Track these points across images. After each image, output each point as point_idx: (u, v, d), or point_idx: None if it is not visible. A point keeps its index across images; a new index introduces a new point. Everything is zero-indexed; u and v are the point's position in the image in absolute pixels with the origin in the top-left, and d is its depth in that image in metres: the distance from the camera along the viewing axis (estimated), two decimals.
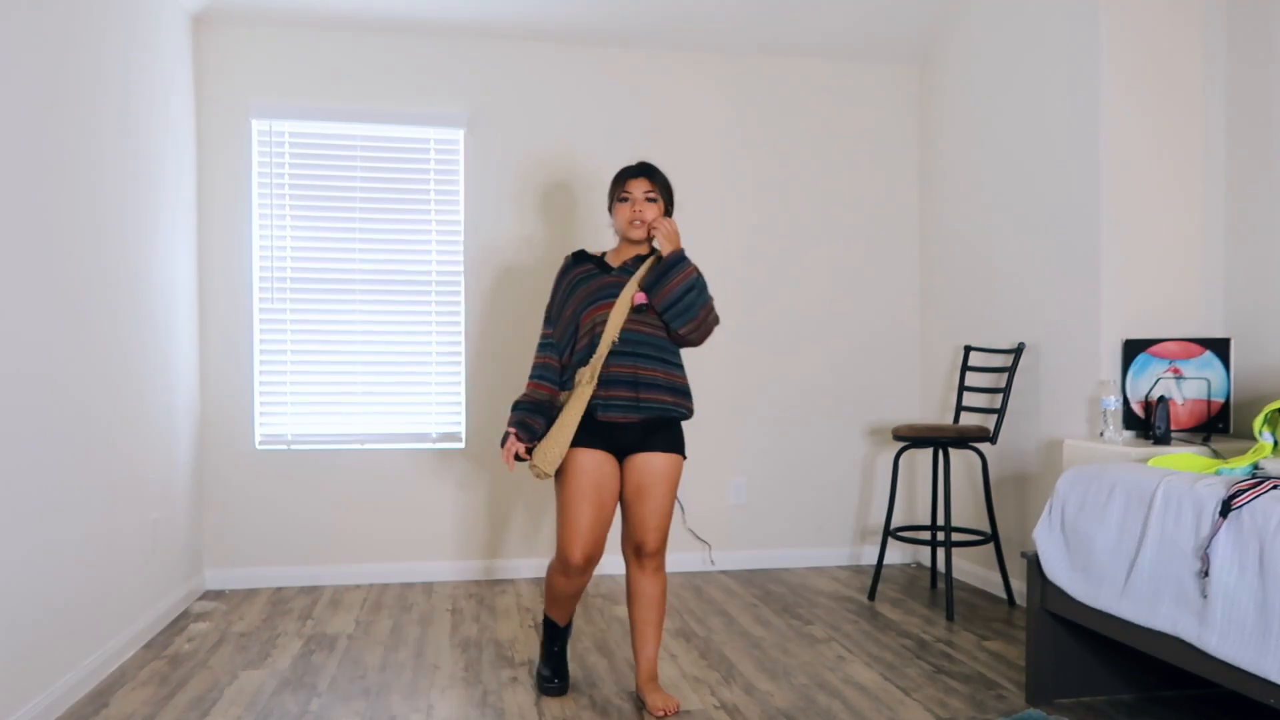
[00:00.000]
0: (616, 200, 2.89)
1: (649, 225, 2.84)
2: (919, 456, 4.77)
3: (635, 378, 2.76)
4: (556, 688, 2.92)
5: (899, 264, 4.83)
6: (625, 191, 2.87)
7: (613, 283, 2.84)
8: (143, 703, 2.87)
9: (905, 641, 3.47)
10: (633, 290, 2.80)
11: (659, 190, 2.88)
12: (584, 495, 2.74)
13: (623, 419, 2.75)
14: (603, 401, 2.75)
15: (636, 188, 2.86)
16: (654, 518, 2.79)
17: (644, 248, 2.92)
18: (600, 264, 2.91)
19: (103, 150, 3.15)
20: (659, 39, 4.52)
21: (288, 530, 4.31)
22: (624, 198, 2.87)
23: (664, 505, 2.80)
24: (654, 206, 2.87)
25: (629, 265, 2.88)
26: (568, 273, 2.94)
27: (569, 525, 2.75)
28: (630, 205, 2.85)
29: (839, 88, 4.77)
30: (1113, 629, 2.58)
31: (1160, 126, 3.56)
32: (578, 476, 2.75)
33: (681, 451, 2.84)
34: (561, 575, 2.82)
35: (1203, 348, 3.40)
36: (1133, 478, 2.61)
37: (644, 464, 2.79)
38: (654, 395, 2.77)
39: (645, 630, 2.84)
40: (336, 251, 4.36)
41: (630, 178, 2.88)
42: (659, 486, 2.79)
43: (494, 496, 4.46)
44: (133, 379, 3.40)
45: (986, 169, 4.24)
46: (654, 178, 2.89)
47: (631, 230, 2.85)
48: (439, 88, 4.42)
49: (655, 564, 2.82)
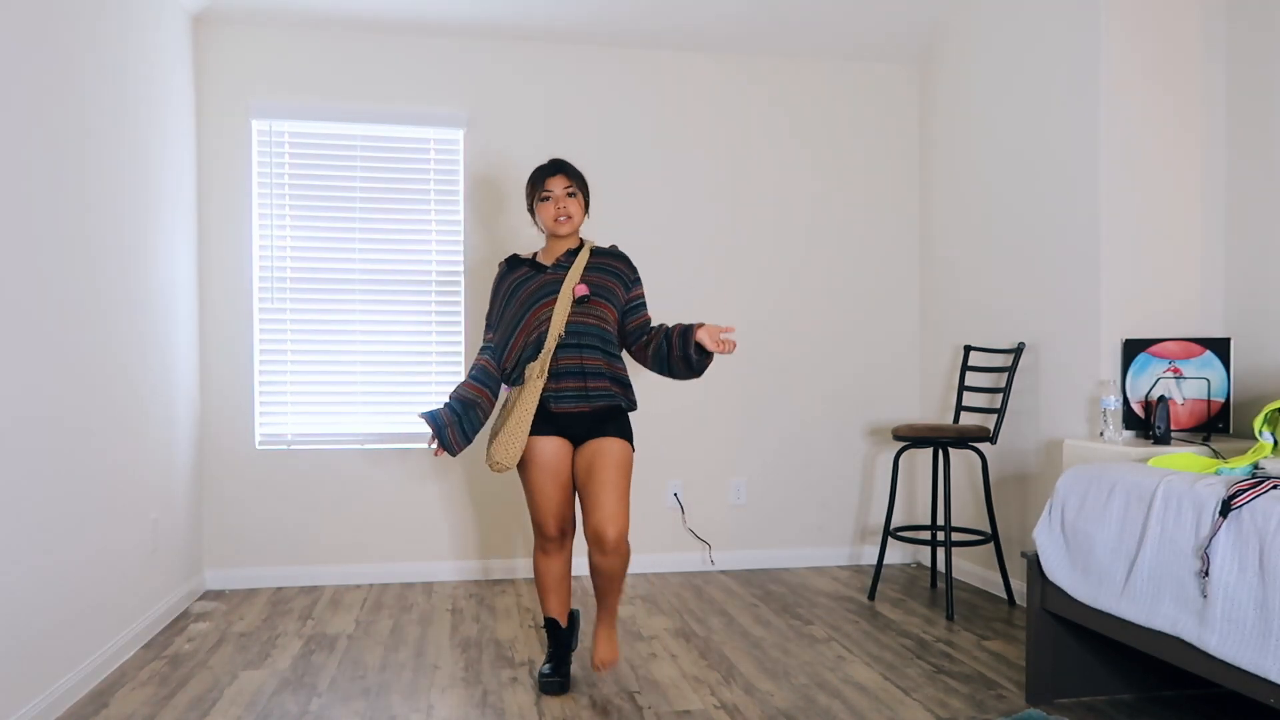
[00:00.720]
0: (538, 200, 2.98)
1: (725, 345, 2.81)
2: (919, 456, 4.77)
3: (582, 368, 2.88)
4: (556, 685, 2.93)
5: (899, 264, 4.83)
6: (545, 190, 2.96)
7: (552, 280, 2.94)
8: (143, 703, 2.87)
9: (905, 641, 3.47)
10: (572, 283, 2.91)
11: (577, 184, 2.99)
12: (548, 476, 2.90)
13: (574, 409, 2.89)
14: (554, 394, 2.88)
15: (556, 185, 2.96)
16: (609, 502, 2.79)
17: (573, 241, 3.02)
18: (535, 265, 3.01)
19: (102, 150, 3.15)
20: (659, 39, 4.52)
21: (288, 530, 4.31)
22: (545, 196, 2.96)
23: (617, 490, 2.82)
24: (575, 201, 2.97)
25: (562, 261, 2.98)
26: (505, 278, 3.03)
27: (540, 505, 2.92)
28: (553, 203, 2.96)
29: (839, 88, 4.77)
30: (1113, 629, 2.58)
31: (1160, 126, 3.56)
32: (539, 461, 2.90)
33: (630, 440, 2.94)
34: (541, 553, 2.99)
35: (1203, 348, 3.40)
36: (1133, 478, 2.61)
37: (594, 447, 2.89)
38: (601, 384, 2.90)
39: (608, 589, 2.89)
40: (336, 251, 4.36)
41: (548, 176, 2.97)
42: (610, 468, 2.84)
43: (494, 496, 4.46)
44: (133, 379, 3.40)
45: (986, 169, 4.24)
46: (570, 173, 2.98)
47: (558, 226, 2.96)
48: (439, 88, 4.42)
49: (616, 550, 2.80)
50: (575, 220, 2.98)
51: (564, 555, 3.00)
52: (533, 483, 2.92)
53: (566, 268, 2.96)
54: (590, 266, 2.98)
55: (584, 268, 2.96)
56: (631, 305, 3.04)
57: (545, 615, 3.05)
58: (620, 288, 3.01)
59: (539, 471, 2.90)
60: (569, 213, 2.95)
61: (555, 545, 2.97)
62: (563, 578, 3.02)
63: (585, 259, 2.98)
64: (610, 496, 2.82)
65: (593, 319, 2.91)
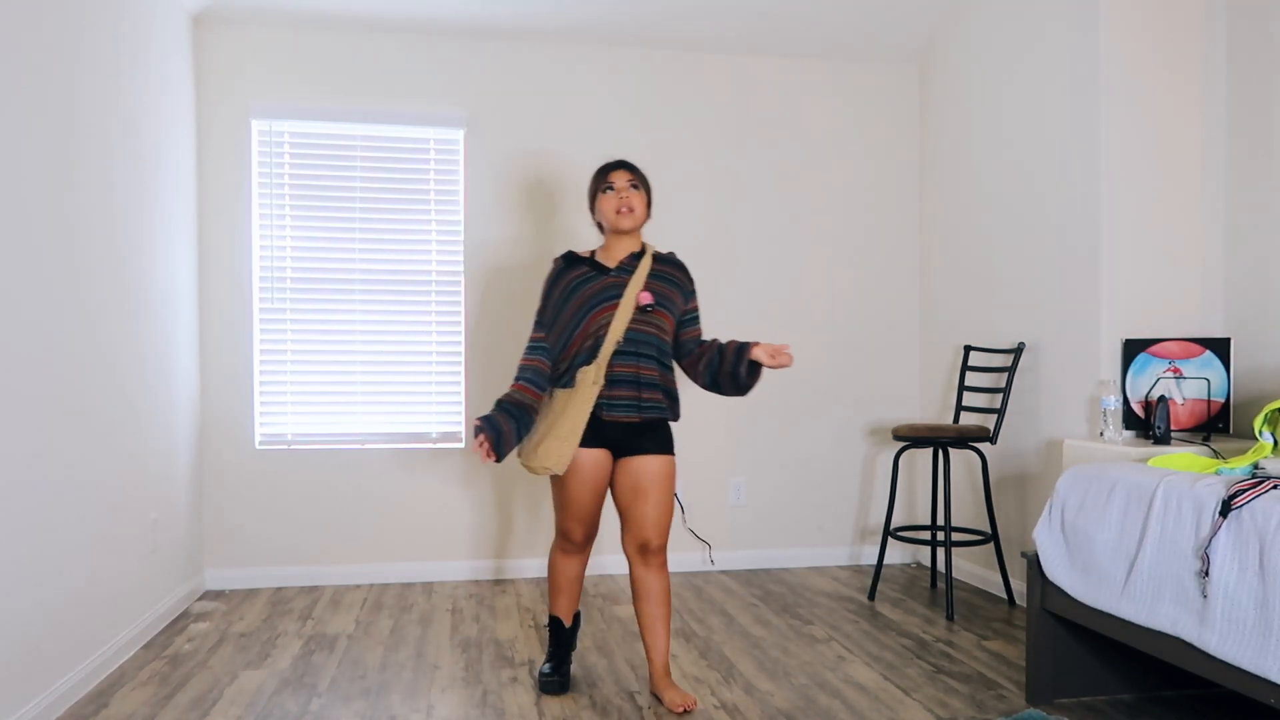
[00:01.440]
0: (600, 193, 2.90)
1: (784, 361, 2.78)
2: (919, 456, 4.77)
3: (638, 377, 2.81)
4: (556, 684, 2.93)
5: (899, 264, 4.83)
6: (608, 183, 2.89)
7: (614, 283, 2.85)
8: (143, 703, 2.87)
9: (905, 641, 3.47)
10: (636, 290, 2.82)
11: (641, 179, 2.92)
12: (585, 488, 2.85)
13: (625, 419, 2.82)
14: (608, 401, 2.80)
15: (619, 178, 2.89)
16: (654, 515, 2.84)
17: (635, 242, 2.93)
18: (595, 265, 2.91)
19: (102, 150, 3.15)
20: (659, 39, 4.52)
21: (288, 530, 4.31)
22: (608, 188, 2.89)
23: (663, 504, 2.85)
24: (638, 194, 2.89)
25: (625, 264, 2.89)
26: (562, 276, 2.92)
27: (571, 512, 2.87)
28: (617, 195, 2.87)
29: (839, 88, 4.77)
30: (1113, 629, 2.58)
31: (1160, 126, 3.56)
32: (580, 472, 2.83)
33: (672, 452, 2.90)
34: (561, 552, 2.96)
35: (1203, 348, 3.40)
36: (1133, 478, 2.61)
37: (639, 466, 2.83)
38: (654, 395, 2.83)
39: (655, 626, 2.88)
40: (336, 251, 4.36)
41: (611, 170, 2.91)
42: (656, 486, 2.84)
43: (494, 496, 4.46)
44: (133, 379, 3.40)
45: (986, 169, 4.24)
46: (633, 170, 2.92)
47: (621, 220, 2.86)
48: (439, 88, 4.42)
49: (659, 561, 2.87)
50: (637, 214, 2.87)
51: (583, 558, 2.98)
52: (570, 491, 2.84)
53: (630, 272, 2.86)
54: (653, 274, 2.88)
55: (647, 274, 2.87)
56: (687, 317, 2.95)
57: (551, 613, 3.02)
58: (680, 298, 2.92)
59: (578, 484, 2.83)
60: (631, 205, 2.85)
61: (577, 548, 2.95)
62: (577, 579, 3.01)
63: (649, 265, 2.88)
64: (654, 510, 2.84)
65: (652, 328, 2.83)
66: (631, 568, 2.89)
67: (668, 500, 2.85)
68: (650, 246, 2.96)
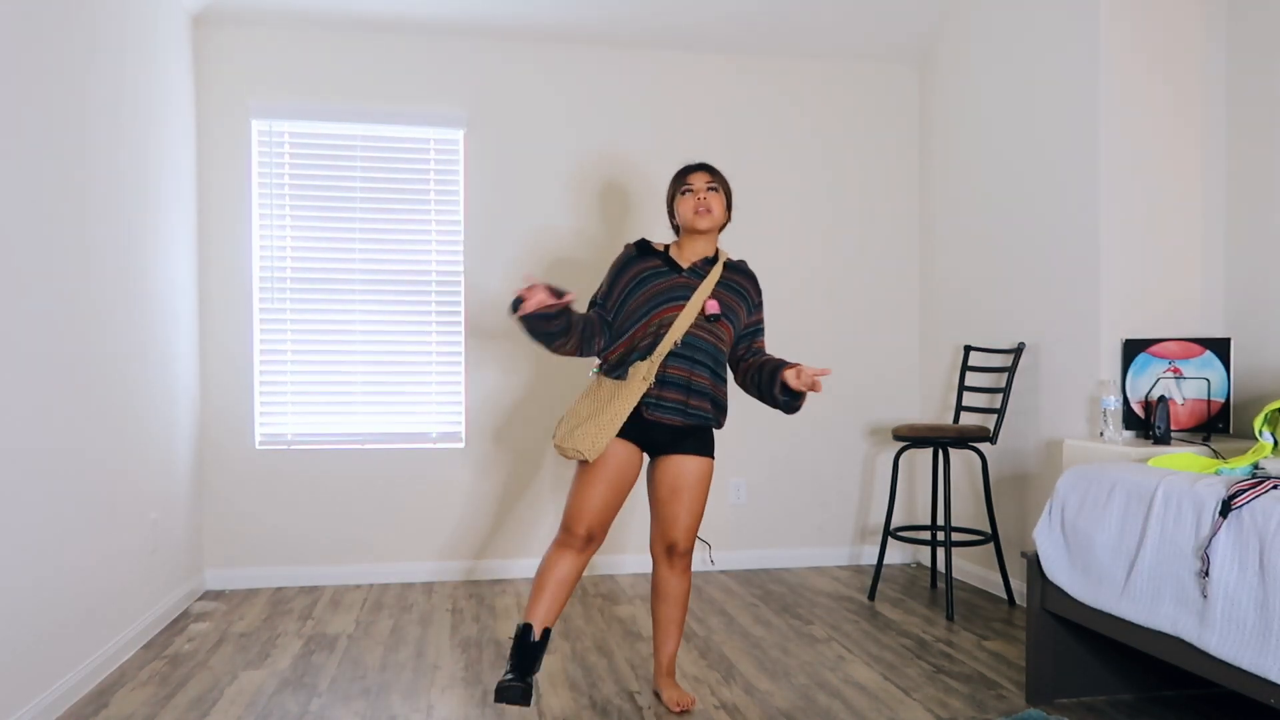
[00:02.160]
0: (679, 194, 2.87)
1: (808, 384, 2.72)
2: (919, 456, 4.77)
3: (689, 382, 2.76)
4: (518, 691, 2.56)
5: (899, 264, 4.83)
6: (687, 184, 2.86)
7: (684, 284, 2.81)
8: (143, 703, 2.87)
9: (905, 641, 3.47)
10: (704, 296, 2.79)
11: (720, 182, 2.89)
12: (605, 480, 2.75)
13: (669, 420, 2.77)
14: (655, 401, 2.75)
15: (698, 180, 2.86)
16: (687, 518, 2.84)
17: (710, 246, 2.89)
18: (668, 260, 2.86)
19: (102, 150, 3.15)
20: (659, 39, 4.52)
21: (287, 530, 4.31)
22: (687, 189, 2.86)
23: (697, 506, 2.85)
24: (717, 196, 2.86)
25: (699, 267, 2.85)
26: (632, 264, 2.86)
27: (581, 501, 2.74)
28: (695, 195, 2.84)
29: (839, 88, 4.77)
30: (1113, 629, 2.58)
31: (1160, 126, 3.56)
32: (606, 462, 2.74)
33: (712, 454, 2.87)
34: (558, 547, 2.75)
35: (1203, 348, 3.40)
36: (1133, 478, 2.61)
37: (678, 466, 2.81)
38: (702, 404, 2.79)
39: (669, 628, 2.89)
40: (336, 251, 4.36)
41: (691, 171, 2.88)
42: (694, 489, 2.83)
43: (494, 496, 4.46)
44: (132, 379, 3.40)
45: (986, 169, 4.24)
46: (713, 173, 2.89)
47: (698, 220, 2.82)
48: (439, 88, 4.42)
49: (685, 563, 2.88)
50: (715, 215, 2.83)
51: (581, 560, 2.78)
52: (587, 479, 2.74)
53: (701, 275, 2.82)
54: (723, 282, 2.85)
55: (717, 281, 2.83)
56: (750, 330, 2.91)
57: (523, 619, 2.71)
58: (744, 310, 2.88)
59: (599, 473, 2.74)
60: (709, 206, 2.82)
61: (576, 547, 2.76)
62: (563, 581, 2.76)
63: (719, 273, 2.84)
64: (688, 513, 2.83)
65: (712, 337, 2.79)
66: (656, 567, 2.89)
67: (700, 503, 2.85)
68: (724, 253, 2.92)
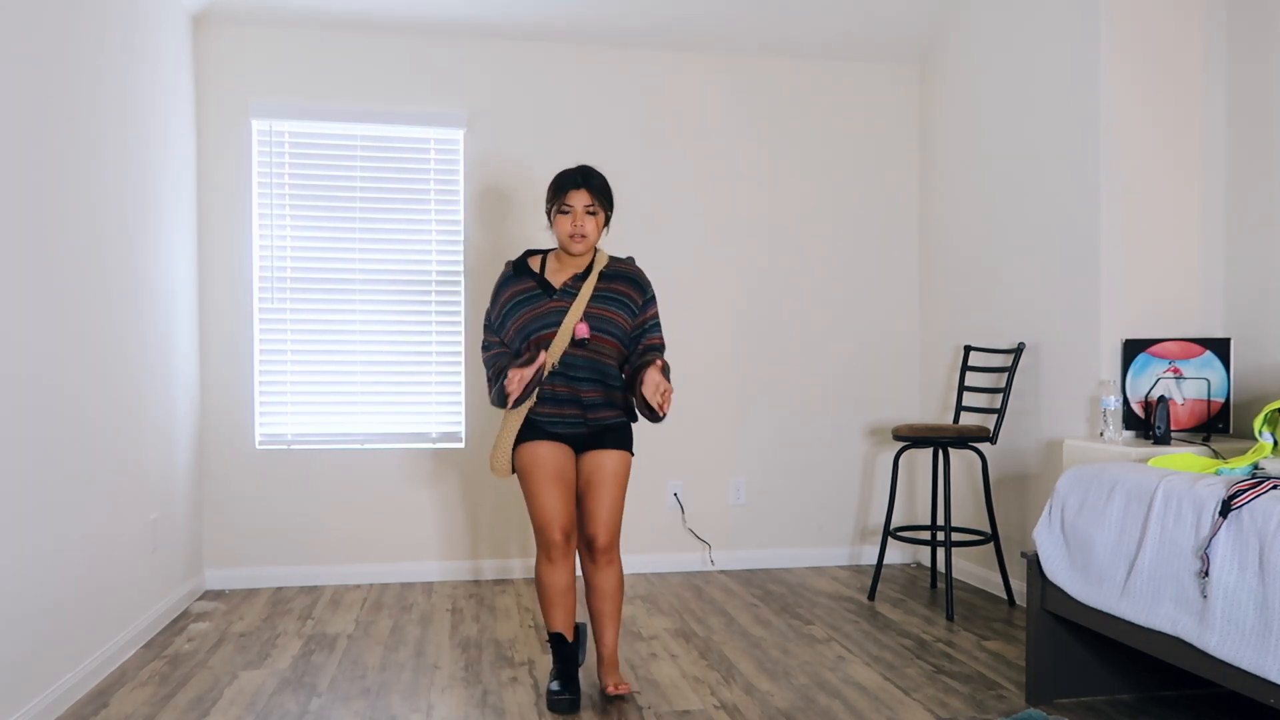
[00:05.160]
0: (557, 211, 2.84)
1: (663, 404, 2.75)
2: (919, 456, 4.77)
3: (579, 399, 2.85)
4: (567, 703, 2.78)
5: (899, 264, 4.83)
6: (566, 204, 2.83)
7: (555, 309, 2.82)
8: (143, 703, 2.87)
9: (905, 641, 3.47)
10: (574, 320, 2.80)
11: (599, 201, 2.84)
12: (548, 479, 2.83)
13: (572, 433, 2.87)
14: (551, 418, 2.84)
15: (577, 200, 2.82)
16: (603, 512, 2.85)
17: (582, 262, 2.89)
18: (542, 282, 2.86)
19: (103, 150, 3.15)
20: (659, 39, 4.52)
21: (288, 530, 4.31)
22: (565, 210, 2.83)
23: (613, 501, 2.86)
24: (594, 220, 2.83)
25: (570, 286, 2.85)
26: (507, 286, 2.89)
27: (542, 509, 2.84)
28: (571, 219, 2.82)
29: (839, 88, 4.77)
30: (1113, 629, 2.58)
31: (1161, 126, 3.56)
32: (540, 465, 2.84)
33: (630, 449, 2.92)
34: (547, 561, 2.86)
35: (1203, 348, 3.40)
36: (1133, 478, 2.61)
37: (594, 461, 2.87)
38: (600, 414, 2.88)
39: (602, 621, 2.93)
40: (336, 251, 4.36)
41: (570, 189, 2.83)
42: (608, 483, 2.85)
43: (494, 496, 4.46)
44: (133, 379, 3.40)
45: (986, 169, 4.24)
46: (593, 187, 2.83)
47: (571, 244, 2.83)
48: (439, 88, 4.42)
49: (608, 558, 2.88)
50: (590, 240, 2.84)
51: (568, 564, 2.86)
52: (534, 488, 2.83)
53: (573, 294, 2.83)
54: (597, 295, 2.84)
55: (589, 298, 2.83)
56: (638, 330, 2.91)
57: (550, 630, 2.90)
58: (626, 317, 2.87)
59: (540, 477, 2.82)
60: (584, 232, 2.81)
61: (560, 551, 2.83)
62: (567, 589, 2.87)
63: (592, 287, 2.84)
64: (604, 508, 2.85)
65: (590, 354, 2.82)
66: (582, 563, 2.91)
67: (617, 498, 2.86)
68: (600, 259, 2.90)
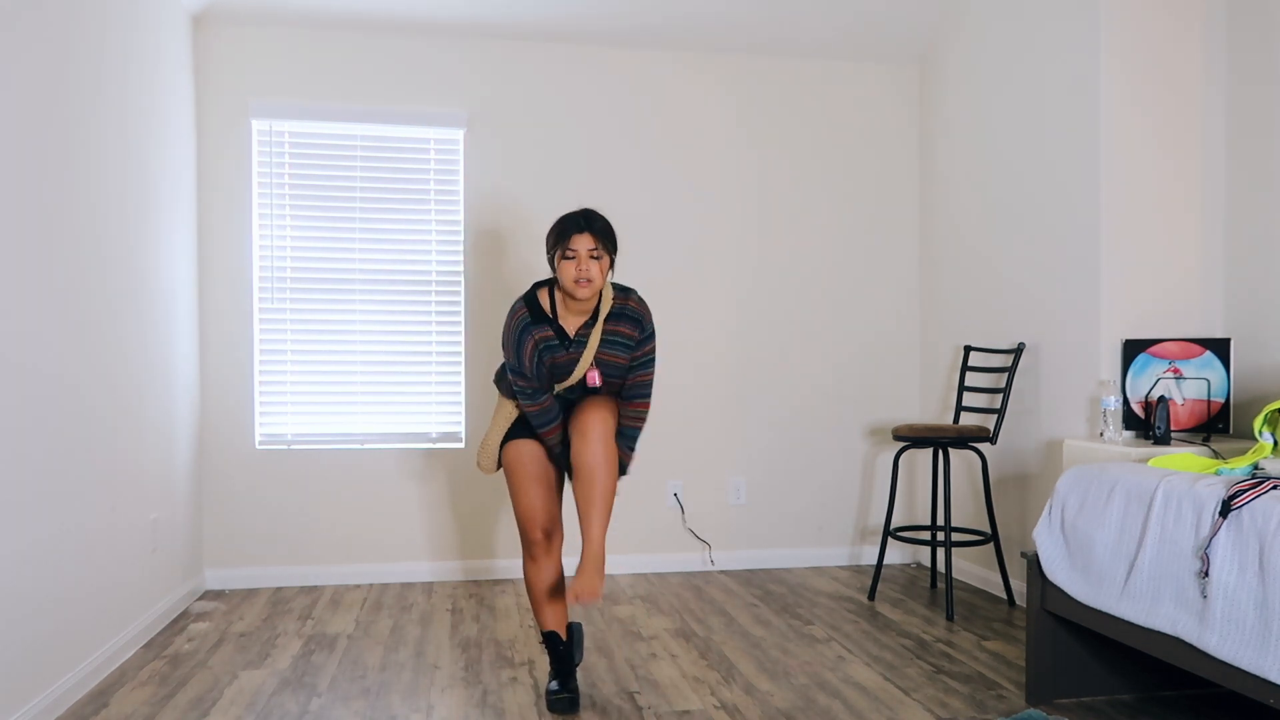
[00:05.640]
0: (561, 257, 2.78)
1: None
2: (919, 456, 4.77)
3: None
4: (566, 702, 2.79)
5: (899, 264, 4.83)
6: (570, 249, 2.77)
7: (570, 359, 2.84)
8: (143, 703, 2.87)
9: (905, 641, 3.47)
10: (585, 367, 2.84)
11: (603, 245, 2.79)
12: (531, 478, 2.90)
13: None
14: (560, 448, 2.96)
15: (580, 244, 2.76)
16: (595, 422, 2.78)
17: (589, 306, 2.85)
18: (557, 329, 2.84)
19: (103, 150, 3.15)
20: (659, 39, 4.52)
21: (288, 530, 4.31)
22: (570, 255, 2.77)
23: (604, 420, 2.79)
24: (599, 264, 2.78)
25: (582, 334, 2.84)
26: (529, 332, 2.82)
27: (523, 506, 2.90)
28: (575, 264, 2.76)
29: (839, 88, 4.77)
30: (1113, 629, 2.58)
31: (1160, 126, 3.56)
32: (522, 462, 2.90)
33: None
34: (530, 560, 2.90)
35: (1203, 348, 3.40)
36: (1133, 478, 2.61)
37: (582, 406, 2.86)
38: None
39: (589, 510, 2.73)
40: (336, 251, 4.36)
41: (574, 234, 2.77)
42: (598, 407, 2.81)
43: (494, 496, 4.46)
44: (133, 379, 3.40)
45: (986, 169, 4.24)
46: (596, 231, 2.79)
47: (577, 289, 2.77)
48: (439, 88, 4.42)
49: (599, 433, 2.76)
50: (596, 284, 2.78)
51: (552, 562, 2.88)
52: (517, 485, 2.89)
53: (584, 343, 2.84)
54: (604, 341, 2.84)
55: (598, 345, 2.83)
56: (632, 365, 2.89)
57: (543, 630, 2.90)
58: (626, 357, 2.87)
59: (522, 475, 2.89)
60: (590, 276, 2.75)
61: (542, 550, 2.85)
62: (554, 587, 2.89)
63: (600, 335, 2.83)
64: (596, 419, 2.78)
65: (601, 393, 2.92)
66: (571, 443, 2.81)
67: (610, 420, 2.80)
68: (606, 300, 2.86)
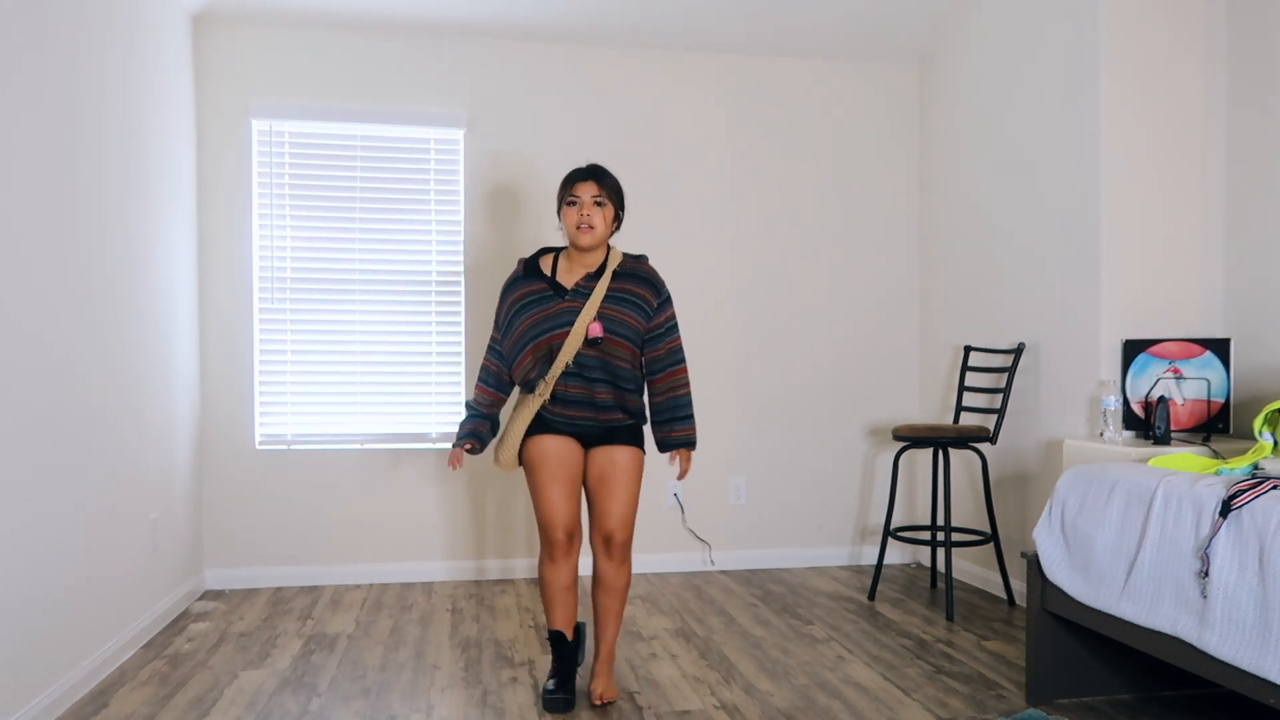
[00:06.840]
0: (565, 204, 2.82)
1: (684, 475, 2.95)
2: (919, 456, 4.77)
3: (593, 400, 2.83)
4: (561, 702, 2.79)
5: (899, 264, 4.83)
6: (573, 195, 2.81)
7: (567, 309, 2.79)
8: (143, 703, 2.87)
9: (905, 641, 3.47)
10: (587, 320, 2.77)
11: (607, 194, 2.82)
12: (553, 477, 2.84)
13: (586, 431, 2.87)
14: (566, 419, 2.84)
15: (584, 191, 2.80)
16: (618, 508, 2.85)
17: (596, 258, 2.85)
18: (553, 284, 2.84)
19: (104, 150, 3.15)
20: (659, 38, 4.52)
21: (288, 530, 4.31)
22: (572, 201, 2.81)
23: (627, 496, 2.86)
24: (601, 211, 2.80)
25: (582, 286, 2.82)
26: (517, 286, 2.87)
27: (545, 506, 2.85)
28: (578, 209, 2.79)
29: (839, 88, 4.77)
30: (1113, 629, 2.58)
31: (1160, 126, 3.56)
32: (545, 461, 2.84)
33: (642, 446, 2.92)
34: (548, 560, 2.87)
35: (1203, 348, 3.40)
36: (1133, 478, 2.61)
37: (606, 456, 2.86)
38: (612, 415, 2.86)
39: (608, 618, 2.91)
40: (336, 251, 4.36)
41: (578, 180, 2.82)
42: (623, 479, 2.85)
43: (494, 496, 4.46)
44: (133, 379, 3.40)
45: (986, 169, 4.24)
46: (603, 181, 2.82)
47: (580, 236, 2.79)
48: (439, 88, 4.42)
49: (622, 554, 2.88)
50: (598, 232, 2.78)
51: (570, 563, 2.87)
52: (538, 483, 2.83)
53: (586, 294, 2.79)
54: (610, 296, 2.80)
55: (602, 298, 2.79)
56: (653, 334, 2.87)
57: (550, 629, 2.91)
58: (640, 319, 2.83)
59: (545, 473, 2.83)
60: (592, 222, 2.76)
61: (562, 551, 2.84)
62: (569, 588, 2.88)
63: (605, 287, 2.80)
64: (619, 504, 2.84)
65: (604, 355, 2.78)
66: (595, 559, 2.90)
67: (632, 493, 2.86)
68: (614, 257, 2.87)
